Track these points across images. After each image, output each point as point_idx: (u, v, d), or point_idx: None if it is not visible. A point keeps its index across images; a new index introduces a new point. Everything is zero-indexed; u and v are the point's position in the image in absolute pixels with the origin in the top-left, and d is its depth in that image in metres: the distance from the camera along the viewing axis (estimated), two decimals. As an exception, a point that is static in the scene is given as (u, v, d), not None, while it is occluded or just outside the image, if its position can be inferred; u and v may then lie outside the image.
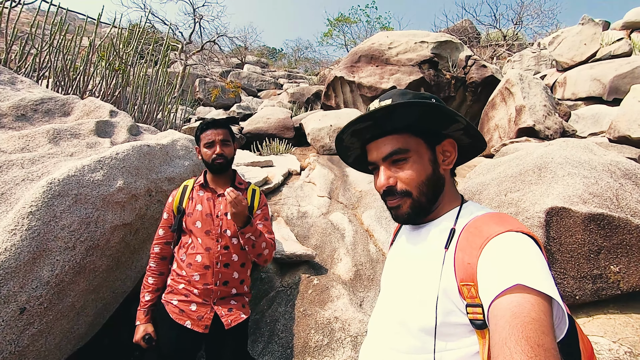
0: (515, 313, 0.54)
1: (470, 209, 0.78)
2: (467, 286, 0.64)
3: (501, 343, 0.53)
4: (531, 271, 0.58)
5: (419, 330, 0.69)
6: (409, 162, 0.77)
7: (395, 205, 0.79)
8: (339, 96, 7.37)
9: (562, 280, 1.91)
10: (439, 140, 0.81)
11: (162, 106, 4.27)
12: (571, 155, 2.31)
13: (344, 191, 4.11)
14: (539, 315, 0.54)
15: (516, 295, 0.56)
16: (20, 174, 1.80)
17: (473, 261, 0.65)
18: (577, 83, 7.02)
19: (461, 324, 0.65)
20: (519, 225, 0.67)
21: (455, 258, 0.68)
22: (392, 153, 0.78)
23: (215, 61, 15.45)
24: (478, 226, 0.70)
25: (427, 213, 0.80)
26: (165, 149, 2.38)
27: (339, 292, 2.54)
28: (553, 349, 0.51)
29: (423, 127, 0.79)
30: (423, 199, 0.78)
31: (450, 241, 0.72)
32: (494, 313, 0.57)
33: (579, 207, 1.92)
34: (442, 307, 0.66)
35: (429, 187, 0.78)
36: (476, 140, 0.83)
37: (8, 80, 2.95)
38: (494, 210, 0.74)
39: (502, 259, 0.61)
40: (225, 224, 1.67)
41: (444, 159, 0.82)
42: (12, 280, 1.38)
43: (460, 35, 13.11)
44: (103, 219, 1.79)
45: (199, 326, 1.55)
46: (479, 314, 0.62)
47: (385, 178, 0.79)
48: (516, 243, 0.63)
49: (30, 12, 10.28)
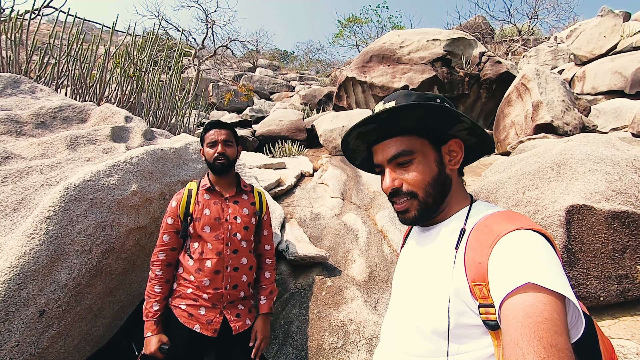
0: (528, 313, 0.53)
1: (479, 208, 0.77)
2: (479, 286, 0.63)
3: (513, 343, 0.52)
4: (543, 269, 0.56)
5: (432, 333, 0.68)
6: (414, 164, 0.77)
7: (403, 209, 0.79)
8: (350, 97, 7.35)
9: (585, 281, 1.84)
10: (444, 141, 0.80)
11: (175, 111, 4.34)
12: (592, 151, 2.23)
13: (357, 192, 4.08)
14: (551, 315, 0.52)
15: (528, 295, 0.54)
16: (40, 180, 1.86)
17: (484, 260, 0.63)
18: (596, 77, 6.79)
19: (474, 325, 0.64)
20: (530, 223, 0.65)
21: (465, 258, 0.67)
22: (397, 155, 0.78)
23: (227, 65, 15.64)
24: (488, 224, 0.68)
25: (435, 213, 0.80)
26: (179, 153, 2.41)
27: (353, 294, 2.51)
28: (567, 349, 0.49)
29: (428, 128, 0.78)
30: (430, 200, 0.77)
31: (460, 241, 0.70)
32: (506, 313, 0.56)
33: (602, 204, 1.85)
34: (454, 309, 0.65)
35: (436, 187, 0.77)
36: (483, 140, 0.82)
37: (28, 89, 3.05)
38: (511, 209, 0.72)
39: (513, 257, 0.60)
40: (234, 228, 1.66)
41: (450, 159, 0.81)
42: (32, 283, 1.41)
43: (473, 32, 12.89)
44: (118, 222, 1.82)
45: (208, 330, 1.55)
46: (492, 314, 0.60)
47: (391, 180, 0.79)
48: (527, 241, 0.61)
49: (50, 23, 10.64)
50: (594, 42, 7.48)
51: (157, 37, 4.43)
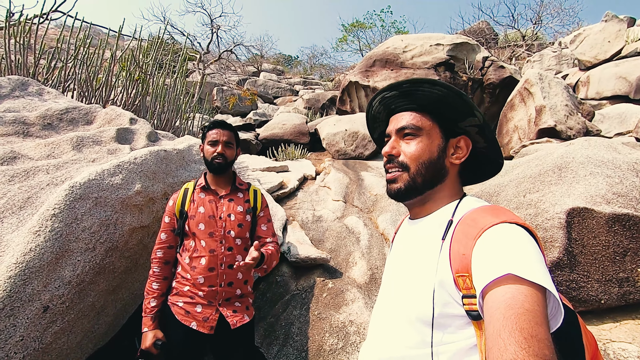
0: (509, 304, 0.54)
1: (468, 202, 0.79)
2: (463, 277, 0.64)
3: (495, 334, 0.54)
4: (524, 261, 0.58)
5: (417, 320, 0.69)
6: (417, 140, 0.81)
7: (392, 178, 0.82)
8: (354, 101, 7.38)
9: (586, 284, 1.84)
10: (454, 135, 0.83)
11: (180, 114, 4.39)
12: (593, 154, 2.23)
13: (359, 195, 4.09)
14: (532, 306, 0.54)
15: (510, 287, 0.56)
16: (46, 179, 1.89)
17: (468, 252, 0.65)
18: (601, 82, 6.77)
19: (458, 315, 0.65)
20: (514, 217, 0.67)
21: (450, 249, 0.69)
22: (405, 127, 0.82)
23: (232, 70, 15.77)
24: (474, 218, 0.70)
25: (418, 195, 0.82)
26: (182, 154, 2.44)
27: (354, 296, 2.51)
28: (547, 339, 0.51)
29: (442, 112, 0.81)
30: (419, 179, 0.80)
31: (447, 232, 0.72)
32: (489, 305, 0.57)
33: (602, 207, 1.85)
34: (438, 298, 0.67)
35: (428, 169, 0.80)
36: (492, 147, 0.84)
37: (36, 91, 3.10)
38: (512, 211, 0.73)
39: (495, 249, 0.62)
40: (228, 225, 1.67)
41: (454, 153, 0.83)
42: (37, 279, 1.44)
43: (477, 37, 12.92)
44: (122, 221, 1.84)
45: (205, 327, 1.56)
46: (474, 305, 0.62)
47: (391, 147, 0.83)
48: (510, 234, 0.63)
49: (58, 27, 10.80)
50: (598, 47, 7.47)
51: (162, 42, 4.50)
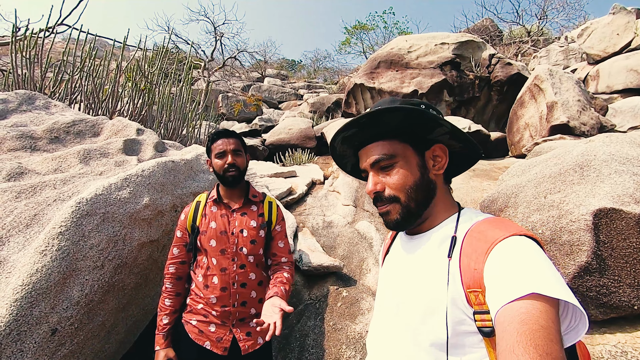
0: (524, 320, 0.53)
1: (469, 215, 0.76)
2: (475, 293, 0.63)
3: (509, 350, 0.52)
4: (543, 278, 0.57)
5: (431, 346, 0.67)
6: (396, 168, 0.78)
7: (385, 211, 0.79)
8: (359, 103, 7.32)
9: (617, 289, 1.74)
10: (428, 146, 0.81)
11: (186, 122, 4.37)
12: (617, 151, 2.13)
13: (369, 199, 4.02)
14: (547, 323, 0.53)
15: (525, 302, 0.55)
16: (53, 195, 1.85)
17: (479, 267, 0.64)
18: (611, 75, 6.63)
19: (471, 332, 0.64)
20: (521, 229, 0.66)
21: (460, 265, 0.67)
22: (379, 159, 0.79)
23: (236, 76, 15.83)
24: (481, 231, 0.68)
25: (419, 219, 0.79)
26: (190, 164, 2.39)
27: (369, 305, 2.44)
28: (561, 357, 0.51)
29: (409, 132, 0.79)
30: (412, 205, 0.77)
31: (452, 249, 0.70)
32: (501, 319, 0.56)
33: (632, 207, 1.75)
34: (452, 318, 0.65)
35: (418, 192, 0.78)
36: (468, 145, 0.82)
37: (43, 105, 3.09)
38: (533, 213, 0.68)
39: (511, 265, 0.60)
40: (241, 242, 1.57)
41: (434, 164, 0.81)
42: (44, 301, 1.39)
43: (481, 35, 12.79)
44: (130, 236, 1.79)
45: (218, 348, 1.49)
46: (487, 321, 0.61)
47: (374, 184, 0.79)
48: (522, 247, 0.62)
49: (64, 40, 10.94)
50: (606, 40, 7.33)
51: (167, 51, 4.49)
